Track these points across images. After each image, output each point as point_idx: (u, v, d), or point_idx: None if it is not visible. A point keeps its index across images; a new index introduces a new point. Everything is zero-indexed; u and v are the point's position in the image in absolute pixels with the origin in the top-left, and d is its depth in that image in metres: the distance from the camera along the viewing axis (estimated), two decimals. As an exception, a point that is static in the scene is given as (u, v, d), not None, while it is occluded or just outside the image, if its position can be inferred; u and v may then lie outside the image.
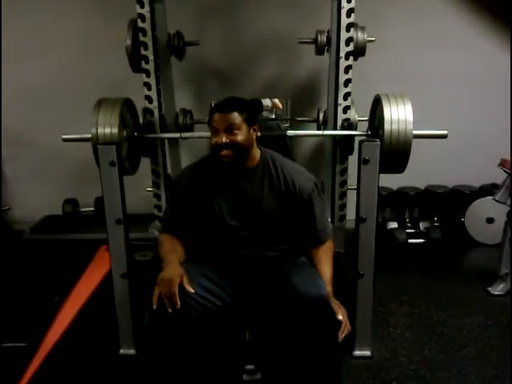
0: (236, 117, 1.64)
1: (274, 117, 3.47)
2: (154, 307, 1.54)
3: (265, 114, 3.44)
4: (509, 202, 2.57)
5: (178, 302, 1.51)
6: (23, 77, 3.38)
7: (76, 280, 2.82)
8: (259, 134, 1.74)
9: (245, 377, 1.83)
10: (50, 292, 2.68)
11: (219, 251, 1.79)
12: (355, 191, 1.96)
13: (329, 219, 1.91)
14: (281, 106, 3.46)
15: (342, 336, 1.60)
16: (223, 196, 1.73)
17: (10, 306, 2.55)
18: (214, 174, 1.75)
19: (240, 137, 1.64)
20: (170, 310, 1.51)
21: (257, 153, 1.75)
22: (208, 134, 1.72)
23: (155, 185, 2.65)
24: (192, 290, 1.56)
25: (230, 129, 1.63)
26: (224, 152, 1.64)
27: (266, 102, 3.44)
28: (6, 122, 3.46)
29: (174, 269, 1.61)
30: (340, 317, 1.60)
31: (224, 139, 1.63)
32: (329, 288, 1.69)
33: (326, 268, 1.75)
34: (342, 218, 2.66)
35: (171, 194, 1.91)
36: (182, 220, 1.79)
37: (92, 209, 3.54)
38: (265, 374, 1.80)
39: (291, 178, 1.72)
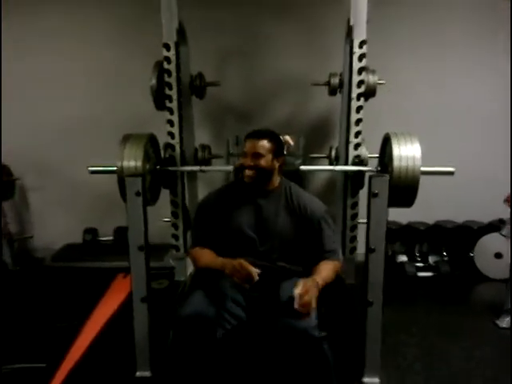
0: (264, 144, 1.91)
1: (285, 152, 3.58)
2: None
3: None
4: (515, 238, 2.65)
5: (256, 276, 1.72)
6: (52, 111, 3.56)
7: (94, 306, 2.91)
8: (282, 165, 2.00)
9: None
10: (69, 317, 2.78)
11: None
12: (364, 225, 2.07)
13: (339, 246, 2.04)
14: (292, 143, 3.56)
15: (296, 306, 1.68)
16: (243, 211, 1.96)
17: (31, 330, 2.64)
18: (236, 193, 2.01)
19: (263, 162, 1.90)
20: (247, 286, 1.73)
21: (277, 180, 2.01)
22: (225, 167, 1.89)
23: (174, 215, 2.77)
24: (258, 272, 1.74)
25: (257, 154, 1.89)
26: (247, 172, 1.91)
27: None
28: (33, 153, 3.61)
29: (232, 260, 1.79)
30: (296, 291, 1.68)
31: (249, 162, 1.90)
32: (318, 279, 1.79)
33: (323, 270, 1.87)
34: (353, 250, 2.74)
35: (197, 214, 2.09)
36: (208, 235, 1.98)
37: (111, 238, 3.68)
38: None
39: (304, 203, 1.97)
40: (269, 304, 1.83)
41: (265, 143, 1.91)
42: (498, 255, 3.32)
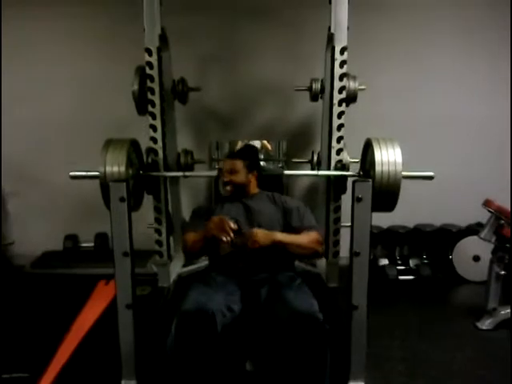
0: (237, 163, 2.24)
1: (263, 157, 3.62)
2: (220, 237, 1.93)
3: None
4: (493, 240, 2.71)
5: (233, 226, 1.92)
6: (28, 114, 3.52)
7: (76, 313, 2.86)
8: (256, 176, 2.32)
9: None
10: (50, 325, 2.73)
11: (231, 255, 2.09)
12: (347, 229, 2.09)
13: (318, 226, 2.25)
14: (270, 148, 3.63)
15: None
16: (233, 208, 2.23)
17: (12, 338, 2.59)
18: (225, 199, 2.31)
19: (238, 178, 2.23)
20: (227, 239, 1.90)
21: (255, 189, 2.33)
22: (208, 173, 2.09)
23: (157, 221, 2.76)
24: (235, 226, 1.93)
25: (232, 171, 2.22)
26: (226, 187, 2.25)
27: (256, 143, 3.61)
28: (11, 159, 3.57)
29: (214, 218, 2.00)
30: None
31: (226, 178, 2.24)
32: (279, 235, 2.00)
33: (294, 235, 2.06)
34: (336, 254, 2.77)
35: (192, 214, 2.33)
36: (200, 225, 2.11)
37: (92, 244, 3.63)
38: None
39: (284, 199, 2.30)
40: (265, 291, 1.95)
41: (238, 162, 2.24)
42: (476, 258, 3.39)
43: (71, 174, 2.32)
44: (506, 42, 3.40)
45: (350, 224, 2.05)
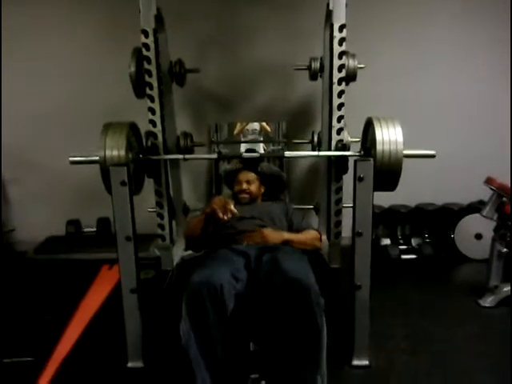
0: (252, 175, 2.57)
1: (261, 139, 3.60)
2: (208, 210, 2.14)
3: (253, 136, 3.59)
4: (495, 218, 2.71)
5: (234, 210, 2.08)
6: (27, 100, 3.49)
7: (80, 298, 2.88)
8: (263, 190, 2.64)
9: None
10: (54, 310, 2.75)
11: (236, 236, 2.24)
12: (349, 210, 2.10)
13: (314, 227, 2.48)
14: (269, 129, 3.60)
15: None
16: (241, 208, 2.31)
17: (17, 324, 2.61)
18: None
19: (254, 188, 2.55)
20: (226, 217, 2.06)
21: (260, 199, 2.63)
22: (208, 155, 2.70)
23: (158, 204, 2.76)
24: (236, 211, 2.10)
25: (249, 182, 2.54)
26: (243, 195, 2.52)
27: (255, 125, 3.57)
28: (11, 145, 3.56)
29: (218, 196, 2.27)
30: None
31: (244, 187, 2.52)
32: (285, 234, 2.27)
33: (298, 233, 2.31)
34: (338, 234, 2.77)
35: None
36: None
37: (94, 229, 3.64)
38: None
39: (284, 204, 2.65)
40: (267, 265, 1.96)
41: (253, 174, 2.57)
42: (478, 236, 3.40)
43: (71, 159, 2.28)
44: (506, 21, 3.36)
45: (351, 205, 2.06)
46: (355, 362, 2.16)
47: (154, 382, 2.08)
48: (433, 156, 2.23)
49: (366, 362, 2.16)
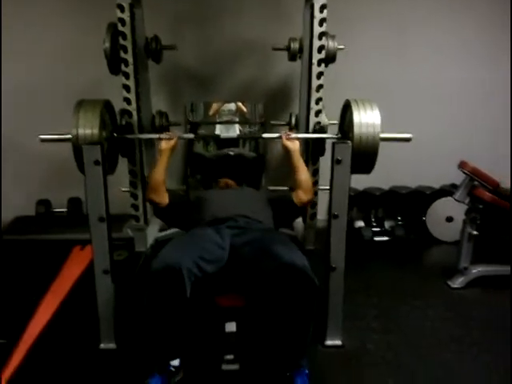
0: (233, 182, 2.59)
1: (237, 120, 3.56)
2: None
3: (229, 117, 3.55)
4: (467, 202, 2.76)
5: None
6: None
7: (51, 279, 2.83)
8: None
9: (223, 366, 1.92)
10: (25, 291, 2.70)
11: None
12: (324, 192, 2.10)
13: None
14: (245, 110, 3.56)
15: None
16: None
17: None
18: None
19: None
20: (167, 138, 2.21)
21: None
22: (184, 135, 2.52)
23: (132, 184, 2.72)
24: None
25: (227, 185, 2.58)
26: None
27: (231, 105, 3.53)
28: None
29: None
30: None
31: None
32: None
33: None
34: (313, 216, 2.79)
35: None
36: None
37: (65, 210, 3.55)
38: (244, 365, 1.90)
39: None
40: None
41: (232, 182, 2.60)
42: (449, 219, 3.47)
43: (41, 137, 2.22)
44: (491, 2, 3.37)
45: (327, 187, 2.06)
46: (328, 342, 2.19)
47: (127, 364, 2.06)
48: (409, 139, 2.24)
49: (339, 342, 2.19)
